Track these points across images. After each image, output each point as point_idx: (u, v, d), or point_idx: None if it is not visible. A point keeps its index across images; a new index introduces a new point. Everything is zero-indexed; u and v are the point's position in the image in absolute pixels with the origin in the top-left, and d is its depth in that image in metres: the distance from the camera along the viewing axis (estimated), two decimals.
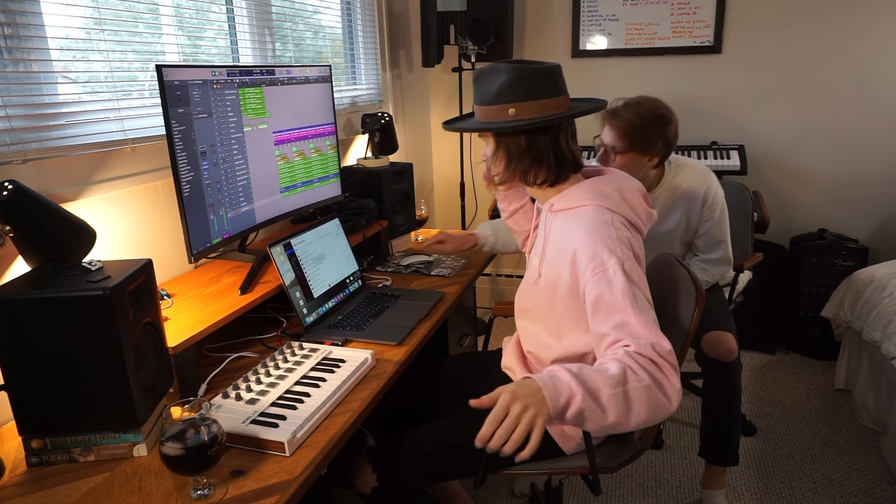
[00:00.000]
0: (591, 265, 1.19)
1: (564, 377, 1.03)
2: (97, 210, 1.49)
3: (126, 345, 1.08)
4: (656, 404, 1.06)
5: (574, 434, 1.40)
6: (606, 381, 1.03)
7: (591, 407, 1.02)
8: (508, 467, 1.44)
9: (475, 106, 1.35)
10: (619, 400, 1.03)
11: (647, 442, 1.39)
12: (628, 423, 1.05)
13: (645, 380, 1.05)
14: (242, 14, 2.07)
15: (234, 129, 1.65)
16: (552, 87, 1.29)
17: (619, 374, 1.04)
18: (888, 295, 2.36)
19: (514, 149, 1.31)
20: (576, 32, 3.28)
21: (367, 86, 2.86)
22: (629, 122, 1.85)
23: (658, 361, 1.07)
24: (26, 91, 1.34)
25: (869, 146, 3.02)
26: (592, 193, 1.29)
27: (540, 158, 1.31)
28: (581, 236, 1.23)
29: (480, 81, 1.32)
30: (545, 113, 1.28)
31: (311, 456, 1.11)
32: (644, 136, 1.85)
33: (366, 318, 1.67)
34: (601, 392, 1.03)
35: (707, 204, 2.03)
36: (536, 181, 1.34)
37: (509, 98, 1.27)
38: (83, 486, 1.06)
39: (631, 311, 1.13)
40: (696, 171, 2.05)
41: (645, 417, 1.06)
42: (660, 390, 1.06)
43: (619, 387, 1.03)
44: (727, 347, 1.92)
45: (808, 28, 2.97)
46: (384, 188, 2.27)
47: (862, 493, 2.10)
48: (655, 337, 1.11)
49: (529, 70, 1.27)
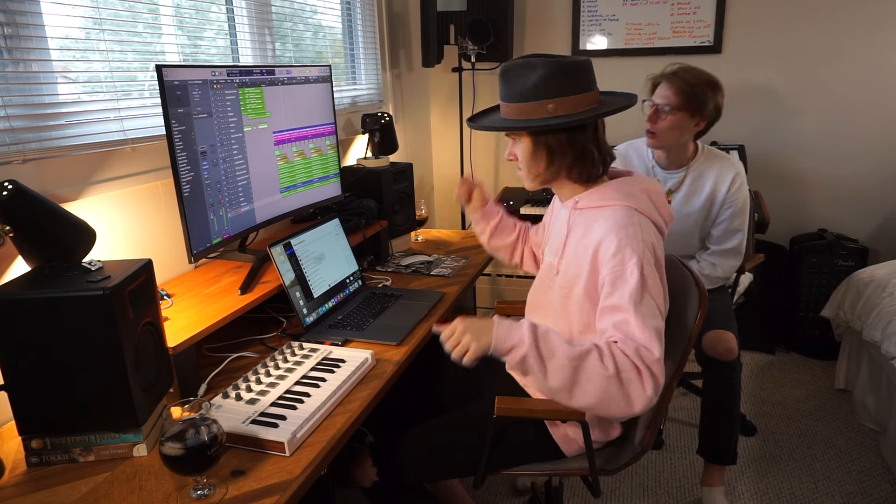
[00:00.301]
0: (613, 261, 1.20)
1: (524, 329, 1.15)
2: (97, 210, 1.49)
3: (126, 345, 1.08)
4: (610, 396, 1.13)
5: (576, 437, 1.40)
6: (565, 351, 1.13)
7: (537, 364, 1.13)
8: (509, 468, 1.44)
9: (504, 102, 1.31)
10: (567, 371, 1.13)
11: (648, 445, 1.39)
12: (571, 397, 1.15)
13: (609, 370, 1.11)
14: (242, 14, 2.07)
15: (234, 129, 1.65)
16: (587, 81, 1.28)
17: (581, 352, 1.12)
18: (888, 295, 2.36)
19: (556, 146, 1.28)
20: (576, 32, 3.28)
21: (367, 86, 2.86)
22: (686, 80, 1.95)
23: (638, 365, 1.12)
24: (26, 91, 1.34)
25: (869, 146, 3.02)
26: (620, 194, 1.29)
27: (583, 154, 1.29)
28: (608, 233, 1.23)
29: (511, 76, 1.28)
30: (583, 108, 1.26)
31: (311, 456, 1.11)
32: (699, 95, 1.94)
33: (366, 318, 1.67)
34: (554, 356, 1.13)
35: (733, 189, 2.06)
36: (580, 177, 1.33)
37: (547, 93, 1.24)
38: (83, 486, 1.06)
39: (633, 312, 1.15)
40: (727, 158, 2.11)
41: (592, 401, 1.14)
42: (621, 387, 1.12)
43: (575, 361, 1.12)
44: (727, 347, 1.92)
45: (808, 28, 2.97)
46: (384, 188, 2.27)
47: (862, 493, 2.10)
48: (647, 342, 1.14)
49: (566, 64, 1.25)
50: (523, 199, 3.00)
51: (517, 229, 1.73)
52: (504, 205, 2.97)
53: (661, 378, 1.14)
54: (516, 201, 2.99)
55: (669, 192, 2.13)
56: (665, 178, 2.14)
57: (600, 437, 1.42)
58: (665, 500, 2.10)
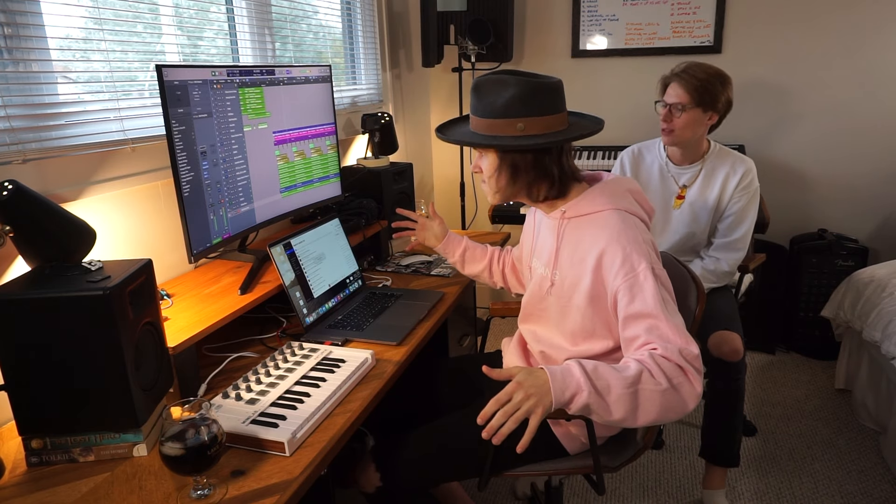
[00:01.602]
0: (622, 270, 1.21)
1: (576, 373, 1.10)
2: (97, 210, 1.49)
3: (126, 345, 1.08)
4: (669, 406, 1.11)
5: (579, 433, 1.40)
6: (619, 381, 1.09)
7: (598, 403, 1.09)
8: (512, 468, 1.44)
9: (475, 116, 1.32)
10: (628, 400, 1.09)
11: (650, 441, 1.39)
12: (635, 421, 1.12)
13: (662, 384, 1.09)
14: (242, 14, 2.07)
15: (234, 129, 1.65)
16: (557, 103, 1.29)
17: (634, 376, 1.10)
18: (888, 295, 2.36)
19: (522, 165, 1.30)
20: (576, 32, 3.28)
21: (367, 86, 2.86)
22: (696, 77, 2.00)
23: (683, 366, 1.12)
24: (26, 91, 1.34)
25: (869, 146, 3.02)
26: (607, 198, 1.30)
27: (544, 175, 1.31)
28: (607, 242, 1.24)
29: (483, 92, 1.29)
30: (551, 129, 1.28)
31: (311, 456, 1.11)
32: (710, 91, 1.99)
33: (366, 318, 1.67)
34: (611, 391, 1.09)
35: (744, 184, 2.09)
36: (539, 197, 1.35)
37: (518, 112, 1.26)
38: (83, 486, 1.06)
39: (662, 315, 1.16)
40: (738, 155, 2.15)
41: (654, 417, 1.12)
42: (676, 393, 1.10)
43: (632, 387, 1.09)
44: (732, 348, 1.92)
45: (808, 28, 2.97)
46: (384, 188, 2.27)
47: (862, 493, 2.10)
48: (684, 341, 1.14)
49: (539, 85, 1.26)
50: None
51: (488, 254, 1.74)
52: (505, 205, 2.98)
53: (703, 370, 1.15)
54: (516, 202, 2.98)
55: (683, 188, 2.14)
56: (679, 173, 2.15)
57: (604, 432, 1.42)
58: (665, 500, 2.10)
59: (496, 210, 2.96)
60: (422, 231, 1.78)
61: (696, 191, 2.13)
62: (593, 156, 3.12)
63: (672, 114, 2.03)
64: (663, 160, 2.18)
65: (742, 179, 2.08)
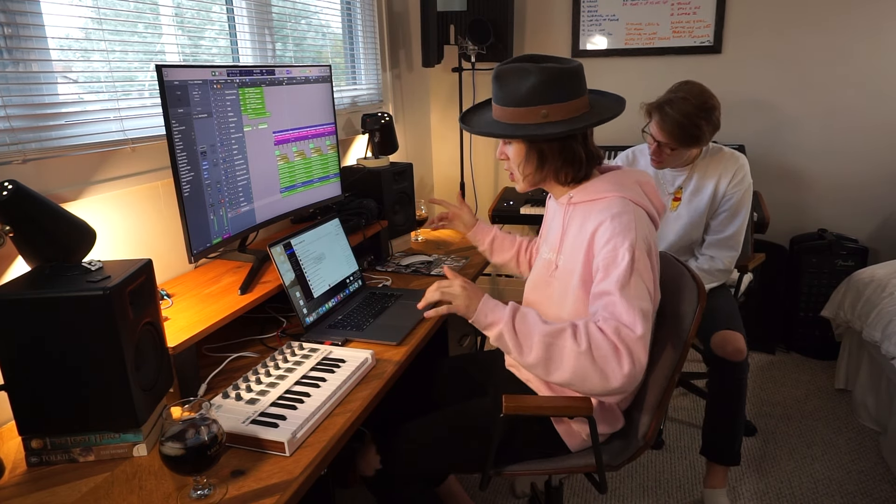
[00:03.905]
0: (606, 248, 1.23)
1: (506, 310, 1.22)
2: (97, 210, 1.49)
3: (126, 345, 1.08)
4: (585, 373, 1.16)
5: (580, 430, 1.41)
6: (540, 329, 1.19)
7: (512, 341, 1.20)
8: (513, 465, 1.44)
9: (497, 105, 1.34)
10: (541, 347, 1.18)
11: (651, 438, 1.39)
12: (548, 373, 1.20)
13: (581, 346, 1.16)
14: (242, 14, 2.07)
15: (234, 129, 1.65)
16: (579, 87, 1.31)
17: (555, 329, 1.18)
18: (888, 295, 2.36)
19: (548, 152, 1.32)
20: (576, 32, 3.28)
21: (367, 86, 2.86)
22: (676, 122, 1.93)
23: (615, 342, 1.15)
24: (26, 91, 1.34)
25: (869, 146, 3.02)
26: (613, 185, 1.32)
27: (572, 159, 1.33)
28: (602, 223, 1.25)
29: (504, 80, 1.30)
30: (574, 114, 1.29)
31: (311, 456, 1.11)
32: (693, 132, 1.94)
33: (366, 318, 1.67)
34: (530, 334, 1.19)
35: (734, 182, 2.10)
36: (567, 180, 1.36)
37: (541, 100, 1.27)
38: (83, 486, 1.06)
39: (619, 293, 1.19)
40: (731, 153, 2.15)
41: (567, 378, 1.18)
42: (594, 364, 1.15)
43: (549, 338, 1.18)
44: (736, 347, 1.92)
45: (808, 28, 2.97)
46: (384, 188, 2.27)
47: (862, 493, 2.10)
48: (630, 321, 1.16)
49: (560, 70, 1.28)
50: (523, 200, 3.00)
51: (516, 244, 1.79)
52: (506, 204, 2.97)
53: (643, 356, 1.16)
54: (516, 201, 2.99)
55: (679, 189, 2.15)
56: (673, 177, 2.16)
57: (605, 429, 1.43)
58: (665, 500, 2.10)
59: (496, 210, 2.96)
60: (454, 220, 1.85)
61: (688, 194, 2.14)
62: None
63: (661, 149, 2.02)
64: None
65: (735, 176, 2.09)
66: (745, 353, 1.94)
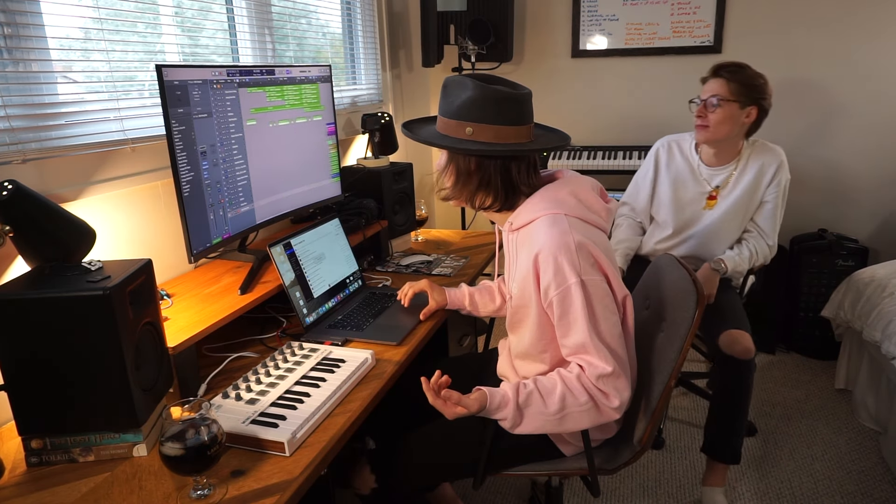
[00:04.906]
0: (554, 283, 1.23)
1: (510, 404, 1.23)
2: (97, 210, 1.49)
3: (126, 345, 1.08)
4: (594, 419, 1.26)
5: (572, 439, 1.41)
6: (545, 411, 1.24)
7: (521, 424, 1.25)
8: (507, 468, 1.44)
9: (438, 115, 1.34)
10: (554, 424, 1.25)
11: (647, 444, 1.39)
12: (563, 432, 1.33)
13: (585, 403, 1.23)
14: (242, 14, 2.07)
15: (234, 129, 1.65)
16: (515, 114, 1.27)
17: (558, 403, 1.23)
18: (888, 295, 2.36)
19: (464, 169, 1.30)
20: (576, 32, 3.28)
21: (367, 86, 2.86)
22: (740, 71, 2.00)
23: (603, 389, 1.23)
24: (26, 91, 1.34)
25: (869, 146, 3.02)
26: (545, 203, 1.28)
27: (487, 184, 1.31)
28: (539, 252, 1.23)
29: (447, 91, 1.30)
30: (502, 140, 1.26)
31: (311, 456, 1.11)
32: (750, 86, 1.98)
33: (366, 318, 1.67)
34: (537, 417, 1.24)
35: (777, 179, 2.12)
36: (483, 205, 1.34)
37: (468, 116, 1.26)
38: (83, 486, 1.06)
39: (587, 334, 1.21)
40: (774, 148, 2.16)
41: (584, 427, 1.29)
42: (598, 409, 1.25)
43: (557, 414, 1.24)
44: (744, 347, 1.92)
45: (808, 28, 2.97)
46: (384, 188, 2.27)
47: (862, 493, 2.10)
48: (603, 363, 1.21)
49: (494, 92, 1.25)
50: None
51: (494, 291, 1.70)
52: None
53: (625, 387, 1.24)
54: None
55: (717, 189, 2.14)
56: (711, 175, 2.15)
57: (598, 435, 1.42)
58: (665, 500, 2.10)
59: None
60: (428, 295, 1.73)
61: (726, 192, 2.14)
62: (593, 156, 3.11)
63: (707, 108, 2.01)
64: (696, 162, 2.18)
65: (778, 169, 2.11)
66: (754, 352, 1.94)
